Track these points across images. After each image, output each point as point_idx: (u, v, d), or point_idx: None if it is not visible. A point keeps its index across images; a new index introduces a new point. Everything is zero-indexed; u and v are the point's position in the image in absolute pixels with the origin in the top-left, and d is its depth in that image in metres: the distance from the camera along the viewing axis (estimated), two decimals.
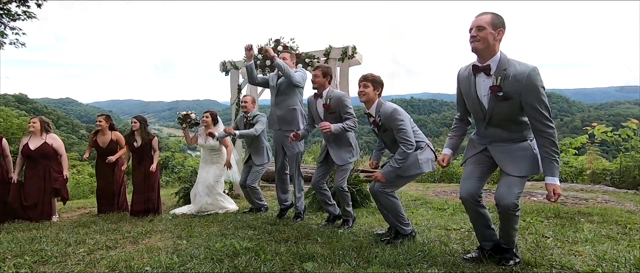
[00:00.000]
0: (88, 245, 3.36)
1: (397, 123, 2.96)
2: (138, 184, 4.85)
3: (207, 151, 5.01)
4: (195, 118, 5.00)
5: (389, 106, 3.05)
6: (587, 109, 69.90)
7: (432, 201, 5.10)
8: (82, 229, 4.04)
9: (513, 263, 2.49)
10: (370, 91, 3.07)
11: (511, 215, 2.38)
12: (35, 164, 4.62)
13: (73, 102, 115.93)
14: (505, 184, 2.38)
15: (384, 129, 3.08)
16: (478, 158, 2.57)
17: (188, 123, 4.97)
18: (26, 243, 3.45)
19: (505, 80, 2.23)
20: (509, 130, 2.40)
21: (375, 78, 3.10)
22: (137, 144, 4.87)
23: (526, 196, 5.18)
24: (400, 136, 2.96)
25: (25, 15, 7.81)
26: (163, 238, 3.59)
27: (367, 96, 3.08)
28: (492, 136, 2.48)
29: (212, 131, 4.50)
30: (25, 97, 50.07)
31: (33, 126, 4.69)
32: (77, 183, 10.01)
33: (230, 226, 3.96)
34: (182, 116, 4.98)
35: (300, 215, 4.22)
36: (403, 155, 2.94)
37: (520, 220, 2.82)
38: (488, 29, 2.23)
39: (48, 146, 4.66)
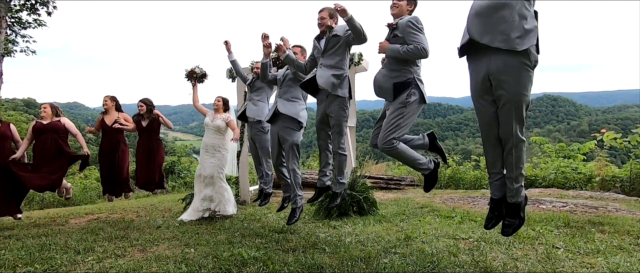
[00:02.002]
0: (97, 253, 3.38)
1: (412, 29, 2.79)
2: (142, 162, 5.06)
3: (211, 133, 4.91)
4: (201, 70, 4.96)
5: (413, 15, 2.91)
6: (594, 113, 69.23)
7: (439, 209, 5.07)
8: (90, 236, 4.06)
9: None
10: (403, 4, 2.92)
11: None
12: (45, 138, 4.60)
13: (80, 106, 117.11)
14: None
15: (394, 35, 2.91)
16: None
17: (195, 77, 4.92)
18: (36, 251, 3.48)
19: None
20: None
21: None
22: (145, 123, 5.05)
23: (534, 204, 5.13)
24: (412, 42, 2.78)
25: (36, 23, 7.96)
26: (171, 246, 3.60)
27: (400, 9, 2.93)
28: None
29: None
30: (34, 102, 50.63)
31: (44, 111, 4.76)
32: (85, 187, 10.08)
33: (237, 234, 3.97)
34: (188, 72, 4.96)
35: (295, 214, 3.95)
36: (413, 50, 2.77)
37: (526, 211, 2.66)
38: None
39: (58, 123, 4.71)
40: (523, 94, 2.26)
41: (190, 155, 21.29)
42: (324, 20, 3.42)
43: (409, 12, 2.97)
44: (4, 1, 6.39)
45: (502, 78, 2.26)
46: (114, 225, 4.70)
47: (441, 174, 8.64)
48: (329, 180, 3.73)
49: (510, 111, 2.29)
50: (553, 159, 7.95)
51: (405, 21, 2.85)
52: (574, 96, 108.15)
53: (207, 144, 4.93)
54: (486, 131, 2.50)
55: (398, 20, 2.91)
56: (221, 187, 4.91)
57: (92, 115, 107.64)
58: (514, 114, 2.29)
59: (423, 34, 2.83)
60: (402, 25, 2.86)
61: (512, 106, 2.28)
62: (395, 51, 2.85)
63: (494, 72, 2.29)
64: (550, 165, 7.69)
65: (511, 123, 2.32)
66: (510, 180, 2.47)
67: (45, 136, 4.62)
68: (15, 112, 25.17)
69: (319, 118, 3.63)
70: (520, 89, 2.25)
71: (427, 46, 2.81)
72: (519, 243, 3.28)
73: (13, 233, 4.31)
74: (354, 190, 4.89)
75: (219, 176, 4.90)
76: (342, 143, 3.51)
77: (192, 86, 4.95)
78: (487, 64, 2.32)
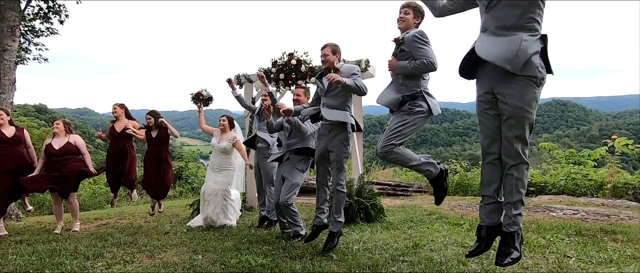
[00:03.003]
0: (106, 259, 3.41)
1: (418, 43, 2.81)
2: (152, 176, 5.08)
3: (217, 154, 4.95)
4: (208, 94, 5.09)
5: (417, 29, 2.93)
6: (604, 118, 68.18)
7: (447, 216, 5.02)
8: (99, 242, 4.10)
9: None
10: (410, 17, 2.94)
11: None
12: (57, 164, 4.68)
13: (90, 112, 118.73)
14: None
15: (401, 50, 2.93)
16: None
17: (201, 99, 5.03)
18: (46, 256, 3.52)
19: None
20: (509, 13, 2.23)
21: (417, 6, 2.97)
22: (154, 134, 5.09)
23: (545, 211, 5.06)
24: (420, 57, 2.80)
25: (49, 31, 8.12)
26: (179, 252, 3.61)
27: (407, 23, 2.95)
28: (490, 22, 2.32)
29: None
30: (45, 108, 51.48)
31: (57, 128, 4.85)
32: (94, 193, 10.18)
33: (244, 241, 3.97)
34: (194, 94, 5.10)
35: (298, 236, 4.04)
36: (421, 65, 2.79)
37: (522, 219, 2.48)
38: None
39: (71, 146, 4.78)
40: (526, 110, 2.22)
41: (197, 160, 21.41)
42: (327, 57, 3.47)
43: (415, 25, 2.98)
44: (18, 11, 6.53)
45: (507, 91, 2.24)
46: (122, 231, 4.73)
47: (449, 181, 8.56)
48: (326, 217, 3.66)
49: (513, 127, 2.25)
50: (563, 166, 7.84)
51: (411, 36, 2.86)
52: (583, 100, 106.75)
53: (214, 164, 4.98)
54: (486, 148, 2.43)
55: (404, 35, 2.93)
56: (224, 202, 4.88)
57: (101, 120, 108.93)
58: (516, 131, 2.24)
59: (429, 47, 2.84)
60: (408, 40, 2.88)
61: (514, 121, 2.24)
62: (404, 68, 2.87)
63: (498, 85, 2.28)
64: (560, 171, 7.58)
65: (512, 140, 2.26)
66: (508, 206, 2.35)
67: (58, 163, 4.69)
68: (27, 118, 25.61)
69: (319, 153, 3.60)
70: (523, 104, 2.21)
71: (434, 60, 2.82)
72: (529, 251, 3.23)
73: (24, 238, 4.37)
74: (361, 196, 4.87)
75: (224, 193, 4.88)
76: (341, 179, 3.43)
77: (198, 108, 5.07)
78: (492, 78, 2.31)
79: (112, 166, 5.18)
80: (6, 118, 4.66)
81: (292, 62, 5.71)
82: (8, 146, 4.56)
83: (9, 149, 4.56)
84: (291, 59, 5.73)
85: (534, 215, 4.87)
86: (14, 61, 6.44)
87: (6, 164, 4.52)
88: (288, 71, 5.76)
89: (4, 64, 6.29)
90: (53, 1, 7.77)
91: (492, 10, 2.29)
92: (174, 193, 11.60)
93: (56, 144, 4.73)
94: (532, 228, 4.04)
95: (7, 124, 4.65)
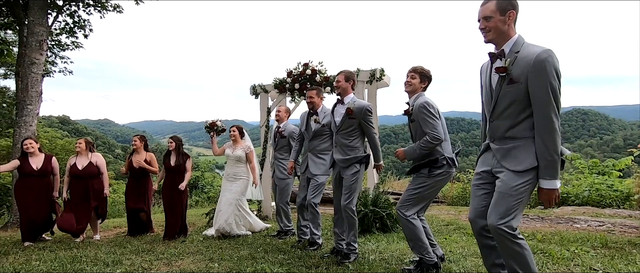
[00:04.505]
0: (125, 266, 3.47)
1: (424, 115, 2.91)
2: (168, 204, 4.96)
3: (232, 163, 5.00)
4: (222, 125, 5.19)
5: (423, 98, 3.01)
6: (629, 127, 65.83)
7: (465, 227, 4.91)
8: (118, 249, 4.17)
9: None
10: (416, 82, 3.06)
11: (504, 240, 2.00)
12: (79, 183, 4.89)
13: (110, 123, 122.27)
14: (496, 196, 2.06)
15: (412, 120, 3.04)
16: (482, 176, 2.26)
17: (215, 130, 5.17)
18: (68, 262, 3.60)
19: (514, 63, 1.98)
20: (512, 124, 2.06)
21: (424, 71, 3.09)
22: (173, 163, 5.02)
23: (568, 222, 4.89)
24: (426, 128, 2.90)
25: (74, 45, 8.47)
26: (195, 260, 3.64)
27: (413, 87, 3.07)
28: (495, 132, 2.14)
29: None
30: (68, 119, 53.31)
31: (79, 147, 5.03)
32: (113, 201, 10.41)
33: (260, 249, 3.97)
34: (209, 124, 5.21)
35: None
36: (426, 144, 2.88)
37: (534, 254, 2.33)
38: (496, 17, 2.02)
39: (93, 166, 4.95)
40: (517, 191, 2.03)
41: (213, 170, 21.67)
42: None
43: (422, 89, 3.09)
44: (46, 26, 6.84)
45: (503, 170, 2.10)
46: (140, 239, 4.81)
47: (467, 191, 8.40)
48: (345, 243, 3.61)
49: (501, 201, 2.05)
50: (586, 176, 7.57)
51: (417, 107, 2.95)
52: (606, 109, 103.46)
53: (229, 173, 5.03)
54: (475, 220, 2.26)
55: (412, 104, 3.02)
56: (238, 213, 4.92)
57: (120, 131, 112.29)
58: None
59: (435, 119, 2.91)
60: (416, 110, 2.97)
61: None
62: (413, 152, 2.98)
63: (495, 166, 2.16)
64: (583, 182, 7.33)
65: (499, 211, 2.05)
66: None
67: (79, 183, 4.89)
68: (51, 128, 26.51)
69: (334, 179, 3.71)
70: (515, 186, 2.03)
71: (439, 134, 2.88)
72: (552, 264, 3.12)
73: (46, 245, 4.49)
74: (377, 206, 4.82)
75: (237, 202, 4.91)
76: (352, 203, 3.44)
77: (211, 137, 5.21)
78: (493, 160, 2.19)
79: (131, 203, 5.24)
80: (36, 146, 4.87)
81: (307, 72, 5.77)
82: (36, 177, 4.77)
83: (36, 180, 4.77)
84: (306, 69, 5.79)
85: (556, 226, 4.72)
86: (41, 74, 6.72)
87: (35, 193, 4.73)
88: (303, 80, 5.82)
89: (31, 77, 6.58)
90: (78, 16, 8.11)
91: None
92: (191, 202, 11.74)
93: (79, 165, 4.93)
94: (555, 240, 3.91)
95: (36, 152, 4.85)
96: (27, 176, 4.73)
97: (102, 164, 5.07)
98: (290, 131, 4.74)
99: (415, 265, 3.03)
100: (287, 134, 4.74)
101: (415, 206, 2.98)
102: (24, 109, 6.54)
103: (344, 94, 3.56)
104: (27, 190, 4.72)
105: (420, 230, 2.96)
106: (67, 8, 7.89)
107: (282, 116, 4.83)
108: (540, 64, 1.90)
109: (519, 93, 1.99)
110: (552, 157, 1.94)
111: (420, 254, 2.95)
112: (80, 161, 4.95)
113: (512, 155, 2.06)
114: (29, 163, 4.74)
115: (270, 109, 6.45)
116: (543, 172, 1.96)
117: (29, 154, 4.78)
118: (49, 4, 6.97)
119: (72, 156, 5.14)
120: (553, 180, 1.95)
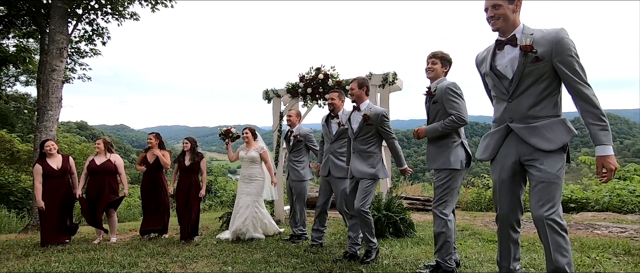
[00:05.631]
0: (141, 268, 3.52)
1: (450, 96, 2.87)
2: (182, 204, 4.99)
3: (247, 165, 5.03)
4: (236, 132, 5.24)
5: (449, 80, 2.98)
6: None
7: (481, 232, 4.82)
8: (134, 251, 4.24)
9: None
10: (438, 67, 3.02)
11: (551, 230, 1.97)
12: (97, 179, 5.02)
13: (126, 128, 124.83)
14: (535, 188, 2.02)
15: (434, 101, 2.98)
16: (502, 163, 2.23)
17: (230, 137, 5.23)
18: (86, 264, 3.68)
19: (534, 43, 2.06)
20: (534, 101, 2.10)
21: (444, 55, 3.05)
22: (187, 163, 5.07)
23: (588, 228, 4.76)
24: (451, 110, 2.86)
25: (92, 52, 8.72)
26: (209, 263, 3.67)
27: (435, 72, 3.03)
28: (515, 111, 2.15)
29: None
30: (85, 124, 54.64)
31: (98, 147, 5.17)
32: (128, 205, 10.59)
33: (273, 253, 3.98)
34: (223, 131, 5.27)
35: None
36: (451, 123, 2.85)
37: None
38: (505, 5, 2.12)
39: (110, 164, 5.09)
40: (558, 177, 2.05)
41: (226, 175, 21.87)
42: (353, 91, 3.60)
43: (444, 74, 3.05)
44: (66, 34, 7.05)
45: (537, 158, 2.09)
46: (155, 242, 4.87)
47: (482, 196, 8.26)
48: (359, 249, 3.63)
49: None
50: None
51: (444, 88, 2.91)
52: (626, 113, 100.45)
53: (244, 175, 5.06)
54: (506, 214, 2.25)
55: (436, 86, 2.98)
56: (255, 215, 4.93)
57: (135, 136, 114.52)
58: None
59: (462, 101, 2.89)
60: (440, 92, 2.93)
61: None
62: (435, 130, 2.93)
63: (525, 154, 2.15)
64: (603, 187, 7.13)
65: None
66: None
67: (97, 179, 5.02)
68: (70, 134, 27.20)
69: (351, 185, 3.69)
70: (556, 172, 2.05)
71: (464, 114, 2.87)
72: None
73: (65, 247, 4.59)
74: (390, 210, 4.78)
75: (255, 204, 4.94)
76: (366, 202, 3.43)
77: (226, 144, 5.28)
78: (516, 148, 2.18)
79: (146, 202, 5.35)
80: (56, 147, 5.04)
81: (320, 76, 5.79)
82: (58, 177, 4.91)
83: (58, 180, 4.91)
84: (318, 74, 5.81)
85: (576, 232, 4.59)
86: (61, 80, 6.93)
87: (57, 194, 4.87)
88: (315, 85, 5.84)
89: (52, 83, 6.78)
90: (97, 24, 8.35)
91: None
92: (204, 206, 11.86)
93: (98, 161, 5.07)
94: (575, 247, 3.80)
95: (56, 154, 5.00)
96: (50, 177, 4.85)
97: (120, 165, 5.18)
98: (305, 133, 4.76)
99: (430, 270, 2.98)
100: (302, 136, 4.74)
101: (451, 202, 2.92)
102: (44, 115, 6.74)
103: (359, 101, 3.59)
104: (50, 190, 4.83)
105: (454, 231, 2.94)
106: (87, 16, 8.14)
107: (293, 121, 4.83)
108: (562, 40, 2.01)
109: (543, 70, 2.06)
110: (604, 121, 1.96)
111: (443, 259, 2.89)
112: (98, 159, 5.08)
113: (540, 133, 2.08)
114: (49, 164, 4.88)
115: (282, 113, 6.49)
116: (602, 138, 1.94)
117: (48, 156, 4.92)
118: (69, 12, 7.20)
119: (91, 155, 5.26)
120: (607, 145, 1.94)
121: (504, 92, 2.20)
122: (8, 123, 17.34)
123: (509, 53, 2.16)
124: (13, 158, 11.61)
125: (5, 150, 11.48)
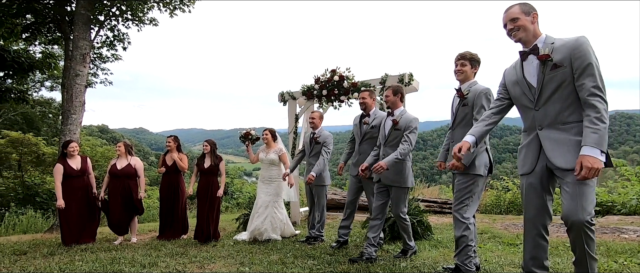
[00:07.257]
0: (160, 268, 3.58)
1: (484, 103, 2.85)
2: (202, 206, 5.06)
3: (266, 166, 5.09)
4: (256, 134, 5.30)
5: (483, 85, 2.95)
6: None
7: (501, 236, 4.71)
8: (154, 252, 4.32)
9: None
10: (467, 69, 3.00)
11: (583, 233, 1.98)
12: (118, 182, 5.16)
13: (145, 131, 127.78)
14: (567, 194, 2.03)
15: (465, 104, 2.96)
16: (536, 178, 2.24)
17: (250, 139, 5.28)
18: (108, 263, 3.77)
19: (554, 51, 2.12)
20: (562, 107, 2.12)
21: (473, 56, 3.02)
22: (206, 165, 5.15)
23: (615, 232, 4.59)
24: (478, 116, 2.82)
25: (114, 57, 9.00)
26: (227, 264, 3.71)
27: (465, 74, 3.00)
28: (543, 119, 2.18)
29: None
30: (106, 128, 56.14)
31: (119, 150, 5.33)
32: (148, 206, 10.81)
33: (289, 254, 3.99)
34: (243, 134, 5.33)
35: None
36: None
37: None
38: (522, 17, 2.19)
39: (131, 168, 5.23)
40: (587, 184, 2.02)
41: (242, 177, 22.08)
42: (388, 99, 3.65)
43: (474, 75, 3.03)
44: (89, 40, 7.28)
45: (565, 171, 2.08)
46: (174, 243, 4.96)
47: (501, 199, 8.07)
48: (375, 251, 3.63)
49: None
50: (633, 183, 7.09)
51: (479, 92, 2.88)
52: None
53: (264, 176, 5.12)
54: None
55: (468, 89, 2.94)
56: (275, 215, 4.96)
57: (154, 139, 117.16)
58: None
59: None
60: (473, 95, 2.90)
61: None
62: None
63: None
64: (630, 190, 6.86)
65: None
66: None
67: (118, 183, 5.16)
68: (92, 137, 28.03)
69: (378, 184, 3.70)
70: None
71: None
72: None
73: (88, 247, 4.72)
74: (408, 213, 4.72)
75: (274, 204, 4.98)
76: (400, 208, 3.59)
77: (246, 146, 5.35)
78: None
79: (164, 205, 5.43)
80: (78, 148, 5.22)
81: (335, 78, 5.79)
82: (78, 177, 5.07)
83: (78, 180, 5.07)
84: (334, 75, 5.81)
85: (602, 236, 4.43)
86: (84, 85, 7.15)
87: (76, 193, 5.03)
88: (330, 87, 5.85)
89: (76, 88, 7.01)
90: (118, 30, 8.59)
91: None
92: (221, 208, 12.02)
93: (119, 165, 5.22)
94: (600, 251, 3.67)
95: (76, 155, 5.17)
96: (70, 177, 4.99)
97: (139, 168, 5.31)
98: (325, 137, 4.72)
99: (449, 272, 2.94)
100: (322, 140, 4.70)
101: (472, 207, 2.88)
102: (68, 119, 6.97)
103: (394, 107, 3.65)
104: (70, 190, 4.97)
105: (476, 235, 2.93)
106: (108, 23, 8.40)
107: (316, 123, 4.77)
108: (581, 45, 2.05)
109: (564, 77, 2.09)
110: (597, 127, 1.96)
111: (463, 262, 2.85)
112: (120, 162, 5.24)
113: (561, 152, 2.09)
114: (69, 164, 5.03)
115: (298, 115, 6.52)
116: (585, 139, 1.98)
117: (69, 157, 5.07)
118: (92, 19, 7.44)
119: (112, 159, 5.42)
120: (592, 147, 1.93)
121: (531, 100, 2.23)
122: (34, 127, 18.01)
123: (531, 63, 2.22)
124: (39, 160, 12.06)
125: (31, 153, 11.94)
